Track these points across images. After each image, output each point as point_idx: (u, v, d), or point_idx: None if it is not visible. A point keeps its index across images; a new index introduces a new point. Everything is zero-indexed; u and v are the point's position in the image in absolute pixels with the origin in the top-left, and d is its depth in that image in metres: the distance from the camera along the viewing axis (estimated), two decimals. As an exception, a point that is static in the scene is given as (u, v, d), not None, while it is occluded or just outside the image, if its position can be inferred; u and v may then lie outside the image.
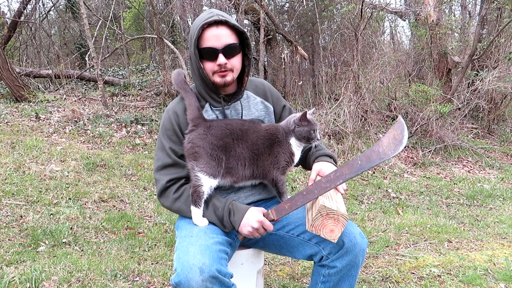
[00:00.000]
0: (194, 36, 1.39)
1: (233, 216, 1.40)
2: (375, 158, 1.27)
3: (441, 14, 7.19)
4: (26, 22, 8.71)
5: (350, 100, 5.59)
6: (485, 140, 6.41)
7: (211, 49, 1.40)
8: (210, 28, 1.39)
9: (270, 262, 2.47)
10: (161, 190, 1.46)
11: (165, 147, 1.47)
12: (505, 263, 2.49)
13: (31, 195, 3.17)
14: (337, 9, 7.75)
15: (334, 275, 1.42)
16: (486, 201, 4.01)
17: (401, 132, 1.23)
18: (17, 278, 2.05)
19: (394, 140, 1.24)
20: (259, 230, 1.38)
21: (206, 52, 1.41)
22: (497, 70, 6.12)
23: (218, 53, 1.40)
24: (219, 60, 1.41)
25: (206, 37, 1.39)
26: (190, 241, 1.31)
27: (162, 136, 1.49)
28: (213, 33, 1.39)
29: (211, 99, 1.52)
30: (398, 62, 7.23)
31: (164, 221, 3.01)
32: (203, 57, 1.42)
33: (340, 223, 1.24)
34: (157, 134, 5.18)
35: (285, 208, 1.37)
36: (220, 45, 1.40)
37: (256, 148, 1.46)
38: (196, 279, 1.18)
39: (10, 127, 4.81)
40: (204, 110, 1.51)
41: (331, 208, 1.23)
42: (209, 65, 1.43)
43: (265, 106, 1.62)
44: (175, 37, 9.96)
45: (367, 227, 3.13)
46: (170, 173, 1.46)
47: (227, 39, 1.40)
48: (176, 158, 1.46)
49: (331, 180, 1.32)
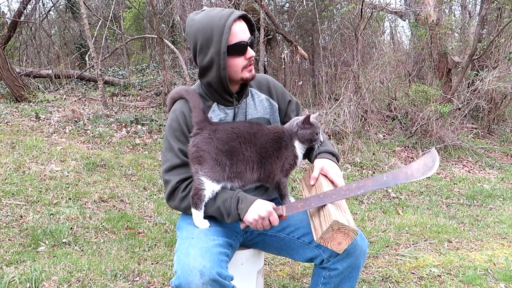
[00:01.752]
0: (224, 34, 1.32)
1: (241, 203, 1.35)
2: (402, 177, 1.31)
3: (441, 14, 7.19)
4: (26, 22, 8.71)
5: (350, 100, 5.59)
6: (485, 140, 6.41)
7: (241, 44, 1.37)
8: (236, 23, 1.36)
9: (270, 262, 2.47)
10: (171, 191, 1.43)
11: (174, 148, 1.43)
12: (505, 263, 2.49)
13: (31, 195, 3.17)
14: (337, 9, 7.75)
15: (335, 277, 1.42)
16: (486, 201, 4.01)
17: (432, 160, 1.29)
18: (17, 278, 2.05)
19: (425, 166, 1.29)
20: (265, 220, 1.32)
21: (236, 48, 1.36)
22: (497, 70, 6.11)
23: (247, 46, 1.38)
24: (250, 53, 1.39)
25: (235, 32, 1.35)
26: (191, 243, 1.30)
27: (170, 137, 1.45)
28: (240, 28, 1.37)
29: (221, 99, 1.48)
30: (398, 62, 7.24)
31: (164, 221, 3.01)
32: (231, 54, 1.37)
33: (349, 237, 1.24)
34: (157, 134, 5.20)
35: (297, 206, 1.35)
36: (247, 38, 1.38)
37: (265, 151, 1.43)
38: (197, 282, 1.18)
39: (10, 127, 4.81)
40: (211, 110, 1.48)
41: (343, 223, 1.22)
42: (238, 61, 1.39)
43: (270, 104, 1.58)
44: (175, 37, 9.96)
45: (367, 227, 3.13)
46: (179, 174, 1.43)
47: (248, 32, 1.40)
48: (185, 158, 1.43)
49: (352, 189, 1.31)
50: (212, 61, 1.37)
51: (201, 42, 1.37)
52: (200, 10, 1.42)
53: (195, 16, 1.41)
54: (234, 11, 1.37)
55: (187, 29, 1.44)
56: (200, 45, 1.38)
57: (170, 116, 1.47)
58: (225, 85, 1.42)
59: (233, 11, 1.36)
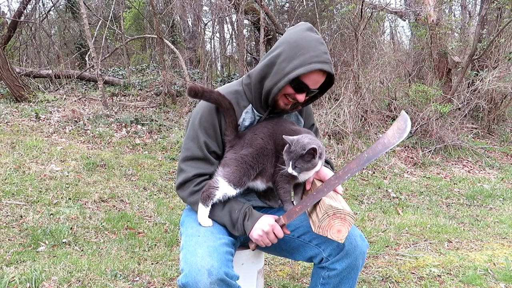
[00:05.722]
0: (302, 68, 1.32)
1: (247, 220, 1.38)
2: (381, 148, 1.31)
3: (441, 14, 7.18)
4: (26, 22, 8.71)
5: (350, 100, 5.59)
6: (485, 140, 6.41)
7: (305, 87, 1.38)
8: (319, 73, 1.36)
9: (270, 262, 2.47)
10: (184, 180, 1.43)
11: (199, 139, 1.42)
12: (505, 263, 2.49)
13: (31, 195, 3.17)
14: (337, 9, 7.75)
15: (333, 277, 1.42)
16: (486, 201, 4.01)
17: (404, 122, 1.31)
18: (17, 278, 2.05)
19: (398, 130, 1.31)
20: (269, 235, 1.35)
21: (298, 85, 1.37)
22: (497, 70, 6.11)
23: (305, 92, 1.40)
24: (301, 97, 1.40)
25: (311, 77, 1.36)
26: (198, 241, 1.30)
27: (198, 127, 1.43)
28: (317, 78, 1.37)
29: (258, 104, 1.48)
30: (398, 62, 7.24)
31: (164, 221, 3.01)
32: (291, 83, 1.37)
33: (347, 222, 1.25)
34: (157, 134, 5.19)
35: (295, 211, 1.36)
36: (313, 88, 1.39)
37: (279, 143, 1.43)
38: (204, 281, 1.19)
39: (10, 127, 4.81)
40: (245, 110, 1.48)
41: (337, 207, 1.24)
42: (289, 90, 1.39)
43: (297, 119, 1.62)
44: (175, 37, 9.97)
45: (367, 227, 3.13)
46: (198, 167, 1.43)
47: (319, 84, 1.41)
48: (207, 153, 1.43)
49: (340, 176, 1.33)
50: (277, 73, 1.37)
51: (284, 53, 1.36)
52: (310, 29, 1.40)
53: (301, 29, 1.40)
54: (328, 61, 1.35)
55: (290, 30, 1.43)
56: (282, 53, 1.37)
57: (202, 106, 1.46)
58: (269, 98, 1.42)
59: (327, 61, 1.35)
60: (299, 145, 1.32)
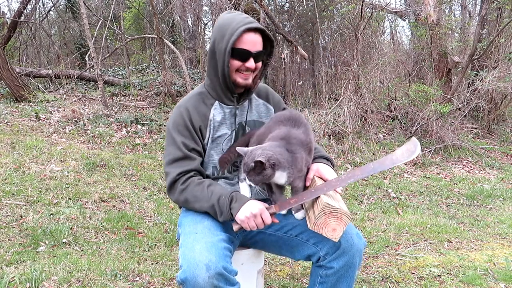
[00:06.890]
0: (232, 37, 1.42)
1: (234, 202, 1.37)
2: (388, 163, 1.36)
3: (441, 14, 7.18)
4: (26, 22, 8.71)
5: (350, 100, 5.59)
6: (485, 140, 6.41)
7: (246, 52, 1.45)
8: (249, 33, 1.45)
9: (270, 262, 2.47)
10: (171, 182, 1.46)
11: (176, 141, 1.48)
12: (505, 263, 2.49)
13: (31, 195, 3.17)
14: (337, 9, 7.75)
15: (331, 276, 1.42)
16: (486, 201, 4.01)
17: (414, 146, 1.36)
18: (17, 278, 2.05)
19: (407, 151, 1.36)
20: (257, 218, 1.33)
21: (239, 53, 1.45)
22: (497, 70, 6.11)
23: (250, 57, 1.46)
24: (249, 63, 1.47)
25: (244, 40, 1.44)
26: (195, 238, 1.31)
27: (173, 131, 1.50)
28: (251, 38, 1.45)
29: (224, 97, 1.55)
30: (398, 62, 7.24)
31: (164, 221, 3.01)
32: (233, 56, 1.46)
33: (342, 222, 1.25)
34: (157, 134, 5.20)
35: (289, 202, 1.37)
36: (254, 50, 1.46)
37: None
38: (203, 275, 1.19)
39: (10, 127, 4.81)
40: (213, 107, 1.55)
41: (334, 206, 1.24)
42: (236, 64, 1.47)
43: (266, 108, 1.67)
44: (175, 37, 9.97)
45: (367, 227, 3.13)
46: (180, 166, 1.46)
47: (259, 46, 1.49)
48: (187, 151, 1.47)
49: (342, 180, 1.36)
50: (219, 56, 1.47)
51: (217, 38, 1.47)
52: (232, 11, 1.53)
53: (223, 15, 1.52)
54: (253, 22, 1.46)
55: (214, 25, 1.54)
56: (215, 40, 1.48)
57: (174, 111, 1.54)
58: (228, 81, 1.49)
59: (252, 22, 1.45)
60: (250, 157, 1.30)
